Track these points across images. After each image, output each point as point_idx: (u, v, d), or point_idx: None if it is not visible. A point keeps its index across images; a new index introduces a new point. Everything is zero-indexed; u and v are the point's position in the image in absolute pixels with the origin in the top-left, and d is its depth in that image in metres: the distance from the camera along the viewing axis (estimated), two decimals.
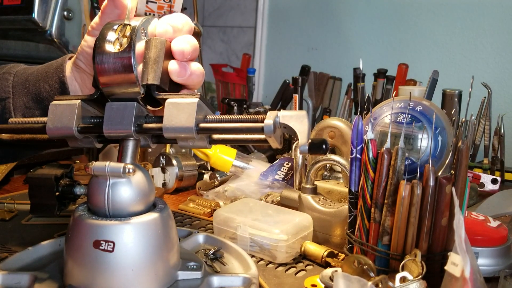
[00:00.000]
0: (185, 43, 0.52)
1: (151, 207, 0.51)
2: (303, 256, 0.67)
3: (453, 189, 0.49)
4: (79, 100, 0.50)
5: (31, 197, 0.53)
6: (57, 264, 0.53)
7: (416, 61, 1.42)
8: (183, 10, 1.05)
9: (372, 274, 0.50)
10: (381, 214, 0.54)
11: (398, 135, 0.57)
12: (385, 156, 0.54)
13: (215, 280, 0.53)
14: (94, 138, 0.52)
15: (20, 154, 0.69)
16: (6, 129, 0.54)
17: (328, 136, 0.79)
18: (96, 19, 0.58)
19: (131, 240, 0.47)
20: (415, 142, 0.59)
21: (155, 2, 0.60)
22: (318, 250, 0.65)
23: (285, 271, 0.63)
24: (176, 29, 0.52)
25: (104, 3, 0.56)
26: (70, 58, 0.63)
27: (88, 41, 0.59)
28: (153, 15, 0.59)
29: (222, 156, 0.95)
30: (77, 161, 1.14)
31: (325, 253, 0.64)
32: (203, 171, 1.03)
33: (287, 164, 0.93)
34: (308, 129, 0.43)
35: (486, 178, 1.03)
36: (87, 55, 0.59)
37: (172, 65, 0.52)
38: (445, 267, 0.43)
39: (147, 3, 0.58)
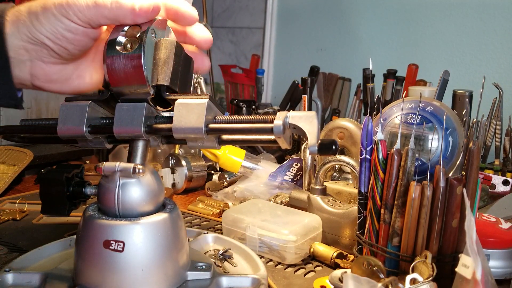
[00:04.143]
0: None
1: (161, 208, 0.51)
2: (312, 257, 0.67)
3: (464, 190, 0.49)
4: (90, 101, 0.50)
5: (42, 197, 0.53)
6: (67, 264, 0.53)
7: (426, 62, 1.41)
8: None
9: (382, 276, 0.50)
10: (391, 215, 0.54)
11: (408, 136, 0.57)
12: (395, 157, 0.53)
13: (224, 280, 0.53)
14: (104, 138, 0.52)
15: None
16: (18, 129, 0.54)
17: (338, 137, 0.79)
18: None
19: (140, 240, 0.47)
20: (425, 143, 0.59)
21: None
22: (327, 251, 0.65)
23: (294, 272, 0.63)
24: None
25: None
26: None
27: (69, 26, 0.47)
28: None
29: (231, 156, 0.96)
30: (87, 162, 1.15)
31: (335, 254, 0.64)
32: (212, 172, 1.04)
33: (296, 165, 0.93)
34: (318, 129, 0.43)
35: (497, 180, 1.02)
36: (63, 38, 0.48)
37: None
38: (456, 269, 0.43)
39: None
